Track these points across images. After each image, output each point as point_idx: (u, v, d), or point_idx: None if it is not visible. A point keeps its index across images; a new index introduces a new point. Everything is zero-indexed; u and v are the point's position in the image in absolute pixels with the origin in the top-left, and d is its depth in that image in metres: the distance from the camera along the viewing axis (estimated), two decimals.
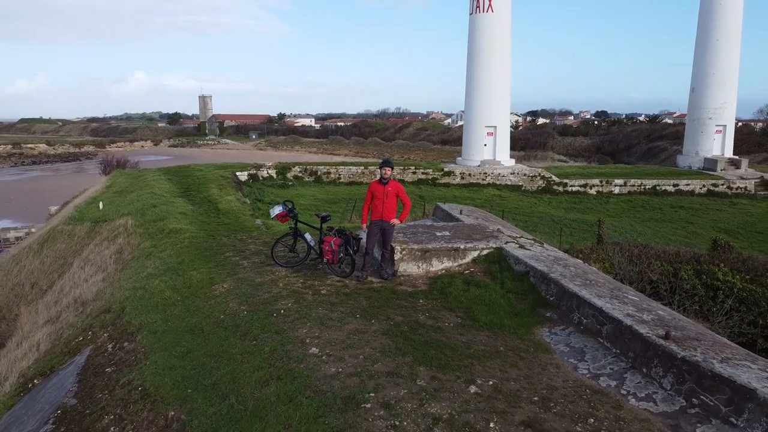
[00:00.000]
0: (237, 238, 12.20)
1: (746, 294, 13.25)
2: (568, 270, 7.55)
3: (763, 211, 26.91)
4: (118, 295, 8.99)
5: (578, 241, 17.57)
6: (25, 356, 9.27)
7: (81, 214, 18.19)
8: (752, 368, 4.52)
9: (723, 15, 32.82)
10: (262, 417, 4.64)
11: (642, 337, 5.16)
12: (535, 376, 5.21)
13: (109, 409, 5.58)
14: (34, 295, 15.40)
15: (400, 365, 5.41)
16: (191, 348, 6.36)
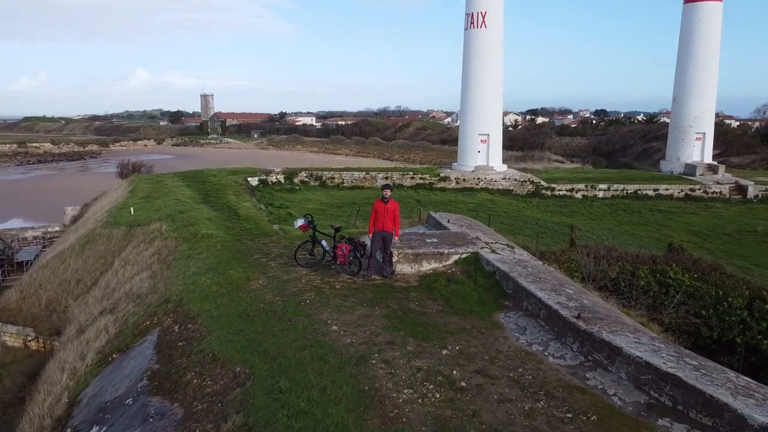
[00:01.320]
0: (261, 242, 14.50)
1: (693, 290, 15.57)
2: (526, 270, 9.84)
3: (733, 215, 29.17)
4: (173, 289, 11.30)
5: (556, 243, 19.85)
6: (97, 338, 11.57)
7: (115, 218, 20.50)
8: (629, 336, 6.81)
9: (702, 30, 35.06)
10: (302, 369, 6.94)
11: (562, 317, 7.45)
12: (489, 344, 7.51)
13: (189, 369, 7.87)
14: (79, 291, 17.69)
15: (395, 337, 7.72)
16: (242, 328, 8.66)
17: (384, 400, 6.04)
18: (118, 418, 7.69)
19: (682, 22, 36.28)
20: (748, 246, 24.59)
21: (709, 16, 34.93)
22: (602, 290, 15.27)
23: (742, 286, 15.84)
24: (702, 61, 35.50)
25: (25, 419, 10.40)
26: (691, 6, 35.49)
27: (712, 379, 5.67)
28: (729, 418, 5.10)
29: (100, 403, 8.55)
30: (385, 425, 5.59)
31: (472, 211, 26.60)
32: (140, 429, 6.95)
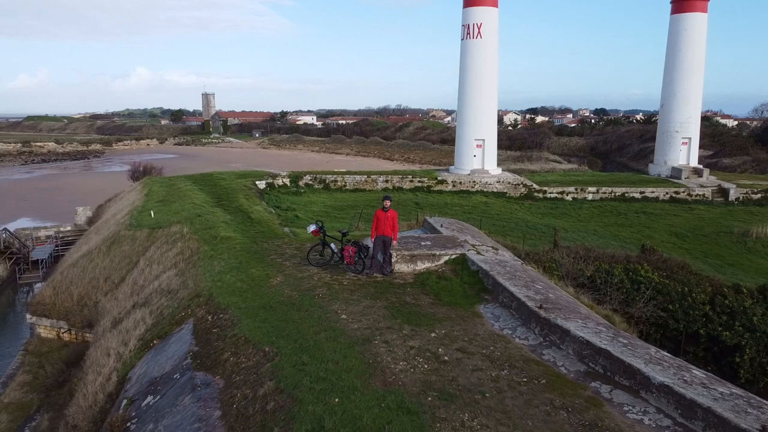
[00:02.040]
0: (274, 244, 16.29)
1: (662, 287, 17.40)
2: (504, 269, 11.62)
3: (714, 217, 30.93)
4: (202, 285, 13.08)
5: (542, 244, 21.62)
6: (136, 327, 13.36)
7: (137, 221, 22.29)
8: (578, 322, 8.59)
9: (688, 40, 36.79)
10: (319, 348, 8.72)
11: (528, 307, 9.24)
12: (469, 329, 9.30)
13: (225, 349, 9.66)
14: (108, 287, 19.48)
15: (393, 324, 9.50)
16: (267, 317, 10.44)
17: (384, 370, 7.83)
18: (168, 389, 9.48)
19: (669, 32, 38.00)
20: (724, 246, 26.39)
21: (694, 26, 36.66)
22: (581, 287, 17.06)
23: (706, 284, 17.67)
24: (688, 69, 37.23)
25: (79, 395, 12.19)
26: (678, 17, 37.21)
27: (634, 353, 7.45)
28: (640, 379, 6.89)
29: (150, 378, 10.34)
30: (385, 387, 7.37)
31: (467, 214, 28.38)
32: (190, 396, 8.74)
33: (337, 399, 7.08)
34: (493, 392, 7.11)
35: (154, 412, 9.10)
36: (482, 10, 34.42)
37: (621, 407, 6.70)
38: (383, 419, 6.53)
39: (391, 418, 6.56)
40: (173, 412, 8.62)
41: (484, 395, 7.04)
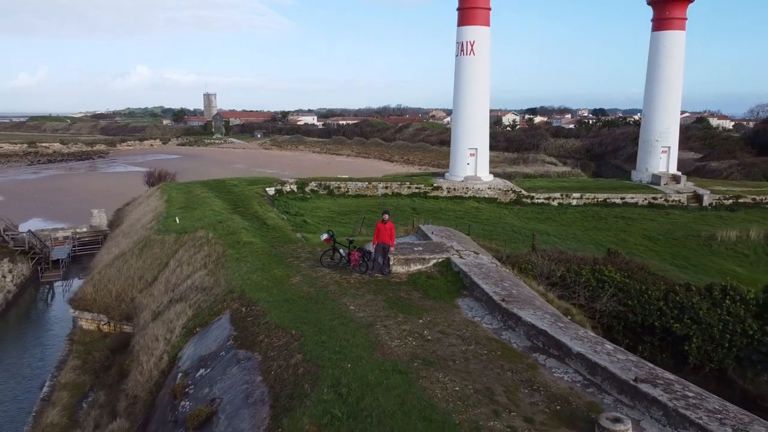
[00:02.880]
0: (290, 248, 19.07)
1: (623, 285, 20.16)
2: (480, 270, 14.40)
3: (686, 221, 33.70)
4: (233, 283, 15.86)
5: (524, 247, 24.38)
6: (178, 318, 16.13)
7: (165, 226, 25.07)
8: (529, 311, 11.36)
9: (667, 56, 39.54)
10: (334, 330, 11.50)
11: (494, 301, 12.02)
12: (448, 317, 12.07)
13: (260, 333, 12.42)
14: (142, 285, 22.25)
15: (390, 313, 12.28)
16: (291, 308, 13.20)
17: (383, 345, 10.61)
18: (217, 363, 12.27)
19: (650, 48, 40.75)
20: (691, 249, 29.16)
21: (672, 43, 39.41)
22: (553, 285, 19.85)
23: (660, 282, 20.45)
24: (667, 83, 39.99)
25: (135, 372, 15.00)
26: (658, 34, 39.96)
27: (565, 333, 10.23)
28: (565, 351, 9.66)
29: (199, 356, 13.13)
30: (384, 357, 10.15)
31: (459, 219, 31.16)
32: (236, 367, 11.52)
33: (349, 365, 9.87)
34: (461, 360, 9.90)
35: (207, 380, 11.88)
36: (475, 29, 37.17)
37: (550, 370, 9.49)
38: (382, 377, 9.32)
39: (388, 376, 9.34)
40: (224, 379, 11.40)
41: (454, 362, 9.82)
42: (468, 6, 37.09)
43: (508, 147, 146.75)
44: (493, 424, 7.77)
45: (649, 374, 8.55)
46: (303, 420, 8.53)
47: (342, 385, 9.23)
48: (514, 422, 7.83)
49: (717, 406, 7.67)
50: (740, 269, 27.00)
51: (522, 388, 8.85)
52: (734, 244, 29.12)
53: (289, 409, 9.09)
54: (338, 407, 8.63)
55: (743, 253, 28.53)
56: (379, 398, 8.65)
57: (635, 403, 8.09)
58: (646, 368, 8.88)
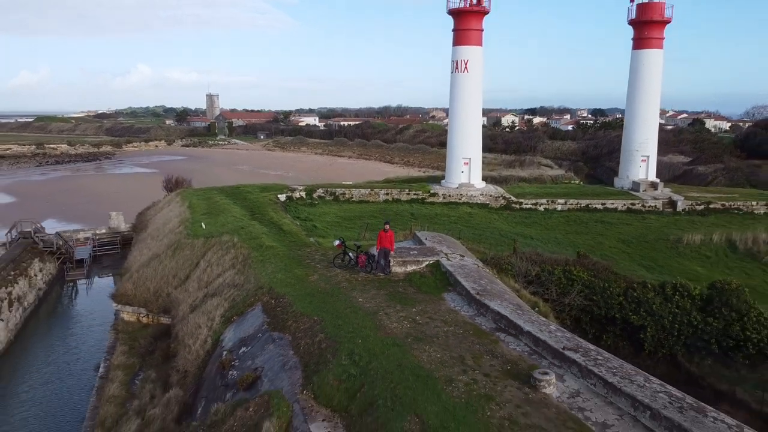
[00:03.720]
0: (305, 252, 22.53)
1: (589, 283, 23.55)
2: (464, 270, 17.85)
3: (660, 225, 37.07)
4: (262, 281, 19.31)
5: (508, 250, 27.77)
6: (216, 309, 19.58)
7: (192, 231, 28.53)
8: (499, 302, 14.82)
9: (646, 73, 42.97)
10: (347, 317, 14.97)
11: (471, 294, 15.49)
12: (436, 307, 15.55)
13: (288, 319, 15.88)
14: (176, 283, 25.70)
15: (390, 304, 15.76)
16: (312, 300, 16.65)
17: (385, 327, 14.08)
18: (255, 342, 15.73)
19: (631, 65, 44.15)
20: (660, 251, 32.58)
21: (651, 61, 42.82)
22: (529, 283, 23.31)
23: (621, 281, 23.89)
24: (646, 97, 43.41)
25: (183, 352, 18.47)
26: (637, 52, 43.37)
27: (521, 317, 13.68)
28: (519, 330, 13.13)
29: (240, 338, 16.60)
30: (386, 335, 13.61)
31: (453, 223, 34.60)
32: (272, 344, 14.97)
33: (359, 341, 13.34)
34: (443, 337, 13.38)
35: (248, 355, 15.35)
36: (469, 49, 40.61)
37: (507, 344, 12.96)
38: (384, 349, 12.79)
39: (389, 348, 12.81)
40: (263, 354, 14.87)
41: (437, 338, 13.30)
42: (462, 28, 40.52)
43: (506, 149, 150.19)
44: (461, 377, 11.24)
45: (575, 345, 12.01)
46: (328, 377, 12.02)
47: (355, 354, 12.70)
48: (476, 376, 11.31)
49: (616, 365, 11.13)
50: (701, 269, 30.43)
51: (485, 355, 12.32)
52: (698, 246, 32.54)
53: (317, 371, 12.57)
54: (353, 368, 12.12)
55: (705, 254, 31.95)
56: (382, 362, 12.12)
57: (562, 364, 11.56)
58: (574, 341, 12.34)
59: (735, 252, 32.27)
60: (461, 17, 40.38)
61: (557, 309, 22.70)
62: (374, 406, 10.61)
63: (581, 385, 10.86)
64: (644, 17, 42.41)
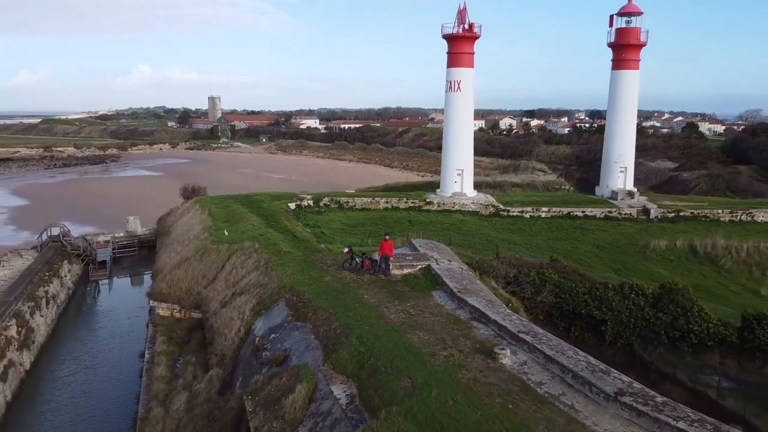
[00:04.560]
0: (318, 256, 26.57)
1: (559, 283, 27.52)
2: (450, 273, 21.93)
3: (632, 232, 41.07)
4: (284, 281, 23.36)
5: (492, 254, 31.80)
6: (246, 304, 23.64)
7: (216, 237, 32.58)
8: (476, 299, 18.91)
9: (623, 92, 47.08)
10: (356, 309, 19.06)
11: (453, 292, 19.58)
12: (426, 303, 19.64)
13: (308, 312, 19.94)
14: (205, 283, 29.76)
15: (390, 299, 19.86)
16: (327, 297, 20.74)
17: (386, 317, 18.16)
18: (282, 330, 19.79)
19: (610, 84, 48.26)
20: (629, 255, 36.62)
21: (628, 80, 46.95)
22: (509, 283, 27.33)
23: (586, 281, 27.92)
24: (624, 114, 47.53)
25: (220, 340, 22.54)
26: (616, 73, 47.48)
27: (491, 310, 17.75)
28: (488, 319, 17.21)
29: (269, 327, 20.66)
30: (386, 323, 17.69)
31: (446, 230, 38.66)
32: (297, 332, 19.03)
33: (366, 327, 17.41)
34: (430, 325, 17.47)
35: (278, 340, 19.41)
36: (461, 71, 44.71)
37: (478, 329, 17.05)
38: (385, 333, 16.86)
39: (389, 332, 16.88)
40: (290, 339, 18.94)
41: (426, 325, 17.39)
42: (455, 51, 44.60)
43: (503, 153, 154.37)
44: (442, 353, 15.32)
45: (528, 329, 16.10)
46: (343, 353, 16.09)
47: (363, 337, 16.77)
48: (453, 352, 15.39)
49: (555, 343, 15.20)
50: (664, 271, 34.48)
51: (461, 337, 16.42)
52: (663, 251, 36.60)
53: (334, 350, 16.65)
54: (361, 347, 16.19)
55: (669, 258, 36.01)
56: (384, 342, 16.20)
57: (516, 343, 15.65)
58: (528, 327, 16.42)
59: (696, 256, 36.33)
60: (455, 42, 44.46)
61: (532, 306, 26.73)
62: (378, 372, 14.67)
63: (528, 357, 14.96)
64: (622, 41, 46.52)
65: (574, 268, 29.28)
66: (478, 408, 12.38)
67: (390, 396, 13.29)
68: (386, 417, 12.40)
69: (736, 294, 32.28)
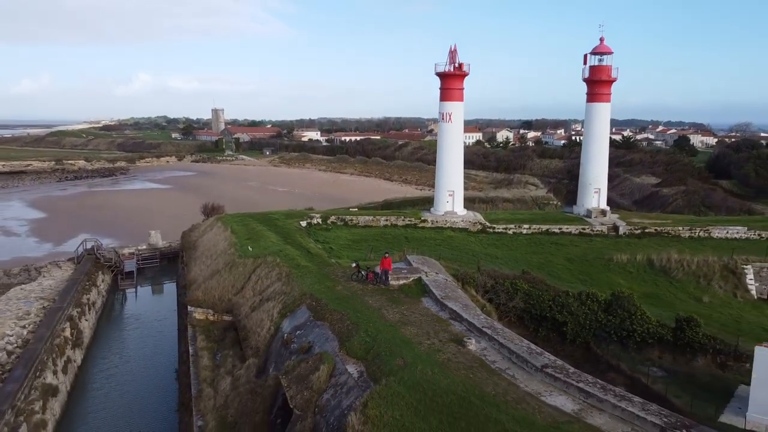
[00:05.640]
0: (330, 270, 32.41)
1: (528, 292, 33.36)
2: (436, 284, 27.82)
3: (601, 247, 46.87)
4: (305, 289, 29.20)
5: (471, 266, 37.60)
6: (273, 308, 29.46)
7: (242, 252, 38.42)
8: (457, 303, 24.77)
9: (596, 122, 53.17)
10: (363, 311, 24.93)
11: (438, 299, 25.46)
12: (417, 306, 25.54)
13: (326, 314, 25.80)
14: (234, 291, 35.58)
15: (389, 304, 25.78)
16: (340, 302, 26.60)
17: (385, 317, 24.04)
18: (305, 328, 25.62)
19: (585, 115, 54.35)
20: (595, 267, 42.42)
21: (600, 112, 53.06)
22: (487, 292, 33.19)
23: (551, 290, 33.76)
24: (597, 141, 53.58)
25: (254, 336, 28.37)
26: (590, 105, 53.62)
27: (466, 312, 23.61)
28: (462, 319, 23.08)
29: (294, 326, 26.48)
30: (386, 321, 23.55)
31: (438, 245, 44.48)
32: (317, 329, 24.85)
33: (371, 324, 23.28)
34: (418, 322, 23.35)
35: (302, 335, 25.24)
36: (452, 104, 50.84)
37: (454, 325, 22.92)
38: (385, 328, 22.72)
39: (388, 328, 22.74)
40: (312, 334, 24.77)
41: (415, 323, 23.26)
42: (447, 87, 50.72)
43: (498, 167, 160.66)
44: (426, 341, 21.18)
45: (490, 325, 21.95)
46: (354, 343, 21.94)
47: (368, 331, 22.60)
48: (434, 341, 21.23)
49: (508, 335, 21.03)
50: (624, 282, 40.29)
51: (441, 331, 22.27)
52: (625, 264, 42.43)
53: (347, 341, 22.49)
54: (367, 338, 22.03)
55: (629, 270, 41.85)
56: (384, 335, 22.04)
57: (480, 335, 21.51)
58: (490, 323, 22.27)
59: (653, 268, 42.17)
60: (446, 79, 50.60)
61: (506, 310, 32.51)
62: (379, 355, 20.51)
63: (488, 344, 20.83)
64: (595, 77, 52.67)
65: (541, 279, 35.14)
66: (448, 377, 18.24)
67: (388, 370, 19.14)
68: (385, 384, 18.23)
69: (682, 301, 38.11)
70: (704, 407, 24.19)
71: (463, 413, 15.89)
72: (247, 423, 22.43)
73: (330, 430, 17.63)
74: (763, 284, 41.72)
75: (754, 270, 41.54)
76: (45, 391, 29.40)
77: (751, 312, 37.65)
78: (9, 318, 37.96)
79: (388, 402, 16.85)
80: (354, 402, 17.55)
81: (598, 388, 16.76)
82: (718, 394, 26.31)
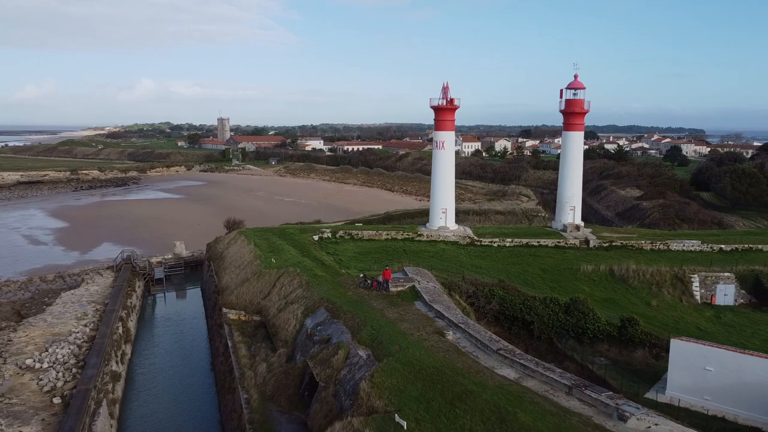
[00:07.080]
0: (341, 279, 39.99)
1: (503, 297, 41.04)
2: (426, 290, 35.42)
3: (572, 258, 54.22)
4: (322, 295, 36.77)
5: (458, 275, 45.08)
6: (297, 309, 37.07)
7: (267, 264, 46.01)
8: (441, 305, 32.34)
9: (571, 148, 60.82)
10: (370, 312, 32.53)
11: (427, 302, 33.07)
12: (410, 308, 33.14)
13: (341, 314, 33.39)
14: (262, 296, 43.17)
15: (389, 306, 33.42)
16: (352, 305, 34.21)
17: (386, 315, 31.64)
18: (324, 325, 33.19)
19: (562, 142, 61.92)
20: (565, 276, 49.84)
21: (574, 140, 60.71)
22: (469, 297, 40.79)
23: (522, 295, 41.32)
24: (572, 165, 61.19)
25: (282, 332, 35.98)
26: (566, 133, 61.29)
27: (447, 312, 31.20)
28: (444, 317, 30.66)
29: (316, 323, 34.06)
30: (387, 319, 31.14)
31: (431, 257, 52.00)
32: (334, 325, 32.42)
33: (375, 321, 30.88)
34: (411, 320, 30.94)
35: (323, 330, 32.81)
36: (445, 133, 58.56)
37: (438, 322, 30.51)
38: (386, 324, 30.31)
39: (388, 324, 30.33)
40: (330, 329, 32.34)
41: (409, 320, 30.85)
42: (440, 119, 58.44)
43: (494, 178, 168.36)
44: (416, 333, 28.76)
45: (465, 321, 29.52)
46: (363, 335, 29.53)
47: (374, 326, 30.17)
48: (422, 333, 28.82)
49: (479, 329, 28.59)
50: (587, 288, 47.75)
51: (427, 326, 29.86)
52: (590, 273, 49.89)
53: (357, 333, 30.07)
54: (373, 331, 29.62)
55: (593, 279, 49.32)
56: (386, 329, 29.62)
57: (456, 329, 29.08)
58: (464, 320, 29.83)
59: (613, 277, 49.63)
60: (440, 112, 58.33)
61: (484, 312, 40.00)
62: (382, 343, 28.05)
63: (462, 335, 28.40)
64: (569, 109, 60.35)
65: (514, 286, 42.70)
66: (431, 357, 25.80)
67: (388, 353, 26.71)
68: (386, 362, 25.79)
69: (634, 305, 45.57)
70: (635, 387, 31.50)
71: (439, 379, 23.48)
72: (283, 395, 30.03)
73: (347, 394, 25.19)
74: (707, 290, 49.16)
75: (700, 278, 48.97)
76: (112, 376, 37.07)
77: (692, 314, 45.09)
78: (70, 318, 45.84)
79: (388, 374, 24.44)
80: (364, 374, 25.14)
81: (533, 363, 24.33)
82: (649, 378, 33.67)
